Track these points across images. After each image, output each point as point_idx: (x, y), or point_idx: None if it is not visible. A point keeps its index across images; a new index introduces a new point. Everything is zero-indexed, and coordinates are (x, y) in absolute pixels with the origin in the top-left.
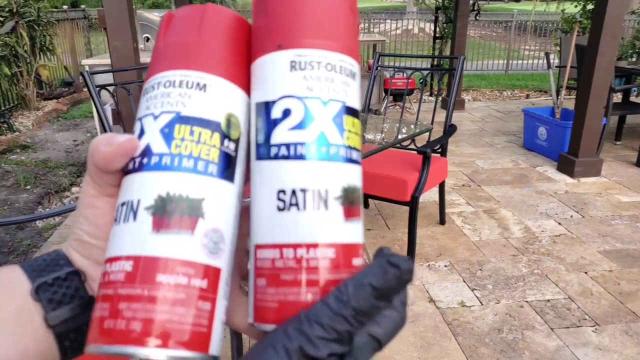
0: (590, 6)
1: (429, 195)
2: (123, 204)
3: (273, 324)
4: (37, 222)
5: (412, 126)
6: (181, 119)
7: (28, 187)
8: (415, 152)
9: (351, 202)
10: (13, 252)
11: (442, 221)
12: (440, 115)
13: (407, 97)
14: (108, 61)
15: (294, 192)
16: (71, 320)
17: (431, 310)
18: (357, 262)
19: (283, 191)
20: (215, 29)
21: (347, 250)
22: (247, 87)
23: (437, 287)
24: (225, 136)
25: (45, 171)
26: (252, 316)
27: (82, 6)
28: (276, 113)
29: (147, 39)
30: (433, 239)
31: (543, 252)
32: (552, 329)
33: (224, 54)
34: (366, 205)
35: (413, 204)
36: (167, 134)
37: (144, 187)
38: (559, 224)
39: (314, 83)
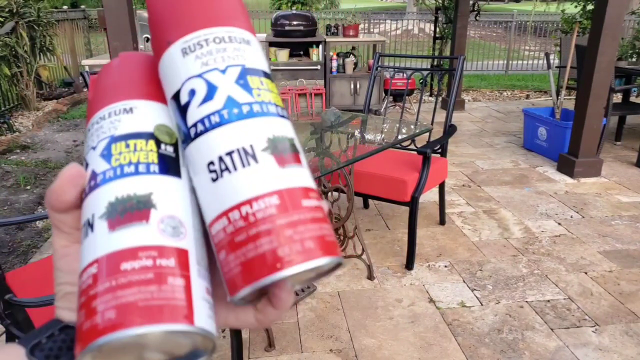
0: (590, 6)
1: (429, 196)
2: (83, 226)
3: (244, 287)
4: (37, 222)
5: (412, 126)
6: (115, 139)
7: (28, 187)
8: (415, 152)
9: (283, 150)
10: (13, 252)
11: (442, 221)
12: (440, 116)
13: (407, 97)
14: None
15: (220, 159)
16: None
17: (431, 310)
18: (308, 203)
19: (212, 162)
20: (130, 68)
21: (291, 194)
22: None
23: (437, 287)
24: (160, 141)
25: (45, 171)
26: (228, 294)
27: (82, 6)
28: (184, 98)
29: (147, 39)
30: (433, 240)
31: (543, 252)
32: (552, 329)
33: (141, 81)
34: (366, 206)
35: (413, 205)
36: (106, 155)
37: (95, 202)
38: (559, 224)
39: (207, 58)
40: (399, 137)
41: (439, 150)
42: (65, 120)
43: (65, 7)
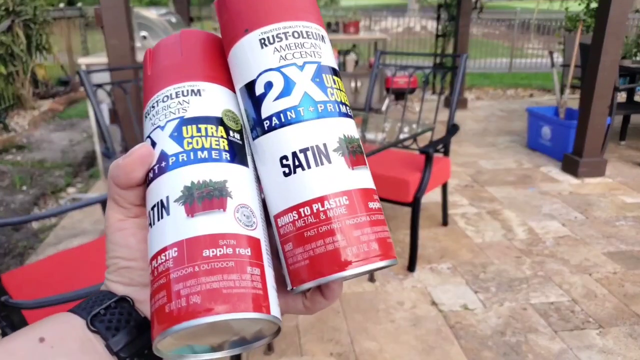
0: (594, 4)
1: (432, 196)
2: (153, 207)
3: (309, 281)
4: (33, 223)
5: (414, 125)
6: (186, 121)
7: (24, 187)
8: (417, 152)
9: (352, 152)
10: (9, 253)
11: (444, 222)
12: (443, 115)
13: (408, 95)
14: (105, 60)
15: (295, 155)
16: (132, 344)
17: (433, 313)
18: (373, 205)
19: (285, 157)
20: (193, 47)
21: (360, 195)
22: (232, 87)
23: (439, 289)
24: (229, 128)
25: (41, 172)
26: (289, 283)
27: (79, 4)
28: (259, 89)
29: (144, 37)
30: (435, 241)
31: (547, 253)
32: (555, 331)
33: (207, 63)
34: None
35: (415, 205)
36: (177, 137)
37: (169, 185)
38: (563, 225)
39: (285, 52)
40: (401, 136)
41: (442, 150)
42: (61, 119)
43: (61, 5)
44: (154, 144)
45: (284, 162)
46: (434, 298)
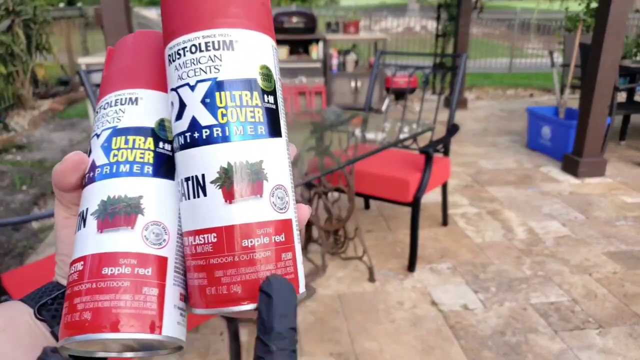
0: (594, 4)
1: (432, 196)
2: (79, 214)
3: (192, 307)
4: (33, 223)
5: (414, 125)
6: (117, 132)
7: (24, 187)
8: (417, 152)
9: (235, 182)
10: (9, 253)
11: (444, 222)
12: (443, 115)
13: (408, 95)
14: (104, 60)
15: (182, 182)
16: None
17: (433, 313)
18: (248, 243)
19: (179, 182)
20: (144, 50)
21: (233, 232)
22: None
23: (439, 289)
24: (159, 139)
25: (41, 171)
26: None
27: (79, 4)
28: (170, 108)
29: None
30: (435, 241)
31: (547, 253)
32: (555, 331)
33: (152, 68)
34: (367, 207)
35: (415, 205)
36: (106, 147)
37: (90, 197)
38: (563, 225)
39: (182, 70)
40: (401, 136)
41: (442, 150)
42: (61, 119)
43: (61, 4)
44: (90, 151)
45: (179, 186)
46: (434, 298)
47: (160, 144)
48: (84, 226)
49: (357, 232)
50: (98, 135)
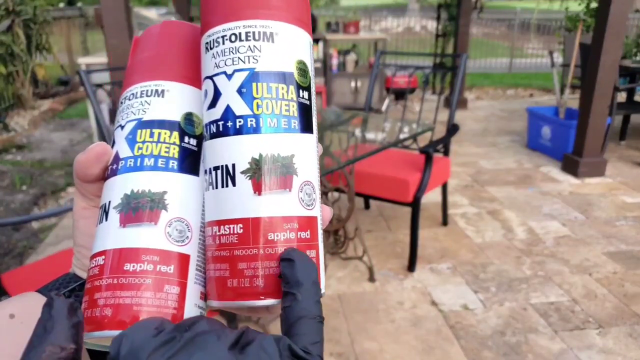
0: (594, 4)
1: (432, 196)
2: (101, 207)
3: (209, 300)
4: (33, 223)
5: (414, 125)
6: (142, 124)
7: (24, 187)
8: (417, 152)
9: (267, 173)
10: (9, 253)
11: (444, 222)
12: (443, 115)
13: (409, 95)
14: (105, 59)
15: (209, 171)
16: None
17: (433, 313)
18: (273, 237)
19: (205, 171)
20: (171, 41)
21: (259, 225)
22: None
23: (439, 289)
24: (185, 133)
25: (41, 171)
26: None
27: (79, 4)
28: (203, 95)
29: None
30: (435, 241)
31: (547, 253)
32: (555, 331)
33: (179, 60)
34: (367, 207)
35: (415, 205)
36: (131, 140)
37: (113, 190)
38: (563, 225)
39: (219, 58)
40: (401, 136)
41: (442, 150)
42: (61, 119)
43: (61, 4)
44: (113, 142)
45: (206, 175)
46: (434, 298)
47: (186, 139)
48: (106, 219)
49: (357, 232)
50: (122, 127)
